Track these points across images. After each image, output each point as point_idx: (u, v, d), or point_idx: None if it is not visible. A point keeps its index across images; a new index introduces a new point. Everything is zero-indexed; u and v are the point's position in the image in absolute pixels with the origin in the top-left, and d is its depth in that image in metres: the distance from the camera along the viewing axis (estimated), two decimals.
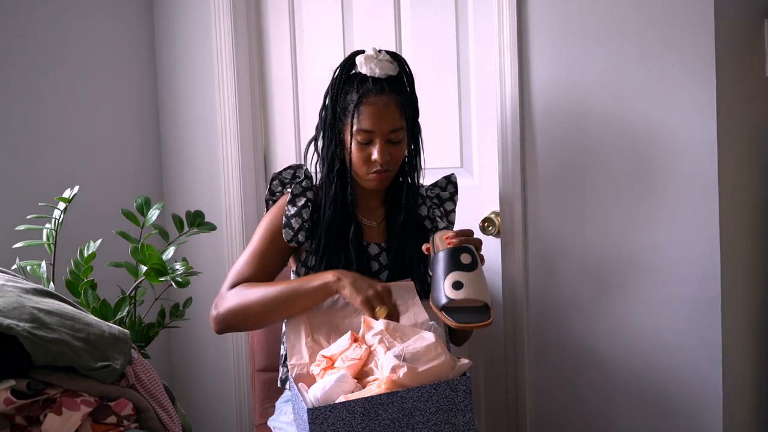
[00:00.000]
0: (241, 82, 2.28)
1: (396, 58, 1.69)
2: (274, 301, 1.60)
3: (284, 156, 2.32)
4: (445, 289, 1.45)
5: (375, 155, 1.64)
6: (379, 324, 1.46)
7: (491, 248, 2.05)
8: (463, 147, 2.11)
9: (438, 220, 1.80)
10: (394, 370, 1.36)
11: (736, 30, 1.86)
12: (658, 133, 1.83)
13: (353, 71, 1.68)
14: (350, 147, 1.66)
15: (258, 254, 1.71)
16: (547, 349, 1.99)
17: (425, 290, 1.72)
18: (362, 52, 1.67)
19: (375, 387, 1.38)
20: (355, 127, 1.64)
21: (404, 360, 1.39)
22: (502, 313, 2.01)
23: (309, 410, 1.34)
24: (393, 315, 1.53)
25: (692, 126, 1.79)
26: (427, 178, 1.88)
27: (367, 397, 1.36)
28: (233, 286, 1.67)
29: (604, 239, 1.90)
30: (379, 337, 1.44)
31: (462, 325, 1.43)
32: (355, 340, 1.47)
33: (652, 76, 1.82)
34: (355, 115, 1.64)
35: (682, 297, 1.83)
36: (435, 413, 1.37)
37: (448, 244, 1.53)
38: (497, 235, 2.05)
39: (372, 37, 2.15)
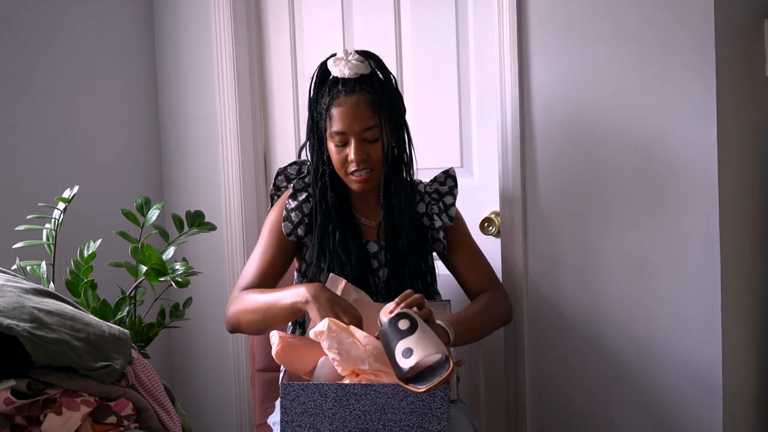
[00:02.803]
0: (241, 82, 2.28)
1: (368, 56, 1.69)
2: (260, 311, 1.63)
3: (284, 156, 2.32)
4: (399, 362, 1.38)
5: (351, 155, 1.65)
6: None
7: (491, 248, 2.05)
8: (463, 147, 2.11)
9: (435, 217, 1.78)
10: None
11: (736, 30, 1.86)
12: (658, 132, 1.83)
13: (328, 76, 1.69)
14: (331, 150, 1.68)
15: (262, 252, 1.75)
16: (547, 349, 1.98)
17: (424, 289, 1.73)
18: (335, 55, 1.68)
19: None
20: (329, 131, 1.66)
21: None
22: None
23: (282, 385, 1.37)
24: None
25: (692, 126, 1.79)
26: (427, 179, 1.88)
27: (341, 384, 1.38)
28: (243, 286, 1.71)
29: (604, 239, 1.90)
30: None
31: (429, 387, 1.35)
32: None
33: (652, 75, 1.82)
34: (327, 119, 1.66)
35: (682, 297, 1.83)
36: (408, 414, 1.37)
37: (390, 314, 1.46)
38: (497, 235, 2.04)
39: (372, 38, 2.15)
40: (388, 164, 1.71)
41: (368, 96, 1.65)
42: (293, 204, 1.74)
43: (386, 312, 1.48)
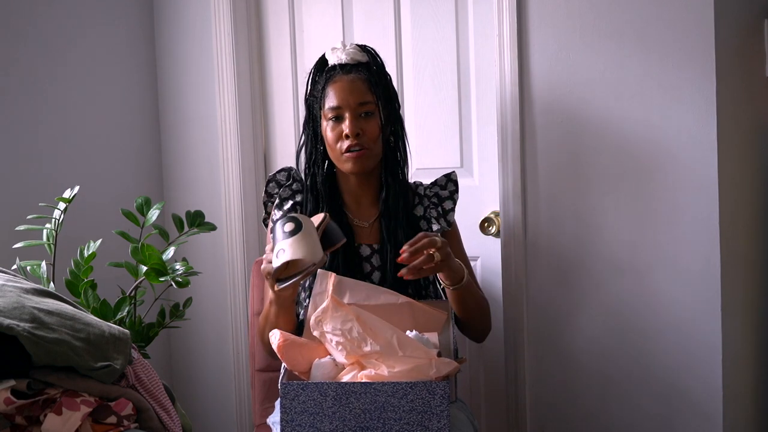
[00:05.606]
0: (241, 82, 2.28)
1: (365, 49, 1.71)
2: (265, 321, 1.66)
3: (284, 156, 2.32)
4: (273, 262, 1.44)
5: (345, 129, 1.65)
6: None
7: (491, 248, 2.05)
8: (463, 147, 2.11)
9: (433, 221, 1.77)
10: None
11: (736, 30, 1.86)
12: (658, 132, 1.83)
13: (325, 67, 1.72)
14: (325, 131, 1.68)
15: None
16: (547, 349, 1.99)
17: (417, 292, 1.71)
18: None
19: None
20: (323, 110, 1.67)
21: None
22: (502, 313, 2.01)
23: (282, 384, 1.37)
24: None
25: (692, 126, 1.79)
26: (427, 179, 1.87)
27: (341, 382, 1.38)
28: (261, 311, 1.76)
29: (604, 239, 1.90)
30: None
31: (283, 285, 1.44)
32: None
33: (652, 75, 1.82)
34: (323, 98, 1.68)
35: (682, 297, 1.83)
36: (409, 413, 1.37)
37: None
38: (497, 235, 2.04)
39: (372, 37, 2.14)
40: (383, 151, 1.71)
41: (365, 76, 1.68)
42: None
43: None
